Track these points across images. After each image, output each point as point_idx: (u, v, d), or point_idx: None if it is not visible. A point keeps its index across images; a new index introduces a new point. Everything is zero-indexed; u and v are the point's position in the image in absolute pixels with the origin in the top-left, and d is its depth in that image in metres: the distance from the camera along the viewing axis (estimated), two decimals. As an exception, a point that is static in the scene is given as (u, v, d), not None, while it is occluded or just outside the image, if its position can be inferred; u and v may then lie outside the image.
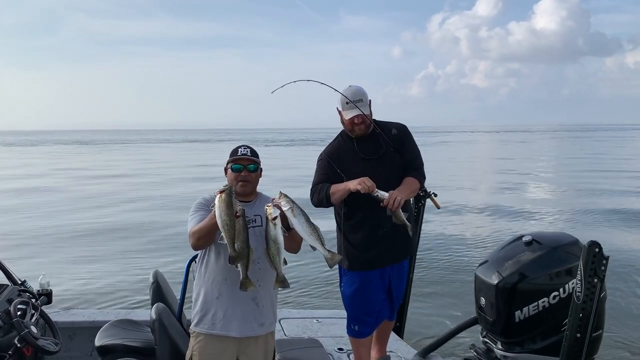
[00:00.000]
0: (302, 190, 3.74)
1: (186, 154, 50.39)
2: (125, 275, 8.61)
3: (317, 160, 3.50)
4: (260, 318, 2.79)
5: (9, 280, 3.59)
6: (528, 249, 3.42)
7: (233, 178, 2.83)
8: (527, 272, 3.33)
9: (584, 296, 2.34)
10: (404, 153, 3.42)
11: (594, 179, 23.03)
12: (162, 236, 11.76)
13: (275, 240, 2.50)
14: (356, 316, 3.47)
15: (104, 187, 21.88)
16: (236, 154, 2.86)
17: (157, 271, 3.64)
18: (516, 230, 11.24)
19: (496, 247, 3.69)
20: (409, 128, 3.59)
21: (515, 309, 3.32)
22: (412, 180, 3.34)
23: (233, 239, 2.46)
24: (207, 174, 24.99)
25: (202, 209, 2.79)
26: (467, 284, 7.37)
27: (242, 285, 2.56)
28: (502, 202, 16.46)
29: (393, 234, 3.29)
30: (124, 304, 7.05)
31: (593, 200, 16.63)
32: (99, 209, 16.05)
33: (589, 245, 2.32)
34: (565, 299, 3.18)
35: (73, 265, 9.33)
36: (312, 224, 2.53)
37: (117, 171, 29.77)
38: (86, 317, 4.38)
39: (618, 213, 14.29)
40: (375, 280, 3.40)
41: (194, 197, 3.00)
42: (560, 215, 14.42)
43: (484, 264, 3.60)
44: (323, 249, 2.54)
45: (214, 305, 2.76)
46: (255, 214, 2.83)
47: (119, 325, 3.64)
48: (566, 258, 3.28)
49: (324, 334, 4.17)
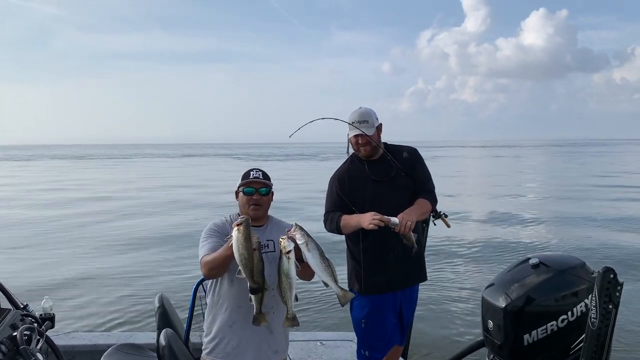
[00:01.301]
0: (307, 209, 3.73)
1: (194, 168, 49.98)
2: (122, 297, 8.53)
3: (329, 183, 3.52)
4: (274, 345, 2.79)
5: (11, 304, 3.53)
6: (535, 272, 3.41)
7: (245, 202, 2.81)
8: (535, 295, 3.32)
9: (599, 322, 2.34)
10: (415, 176, 3.45)
11: (601, 194, 23.16)
12: (163, 256, 11.63)
13: (287, 275, 2.47)
14: (367, 341, 3.46)
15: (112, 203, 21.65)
16: (248, 177, 2.84)
17: (162, 295, 3.61)
18: (519, 250, 11.34)
19: (503, 269, 3.68)
20: (398, 142, 3.63)
21: (524, 333, 3.30)
22: (424, 202, 3.36)
23: (252, 271, 2.44)
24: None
25: (214, 235, 2.76)
26: (471, 306, 7.42)
27: (255, 320, 2.54)
28: (505, 219, 16.52)
29: (404, 257, 3.30)
30: (123, 327, 6.98)
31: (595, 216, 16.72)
32: (97, 225, 15.91)
33: (603, 271, 2.32)
34: (573, 322, 3.18)
35: (66, 286, 9.22)
36: (326, 260, 2.51)
37: (143, 184, 29.38)
38: (87, 341, 4.33)
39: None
40: (387, 304, 3.40)
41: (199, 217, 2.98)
42: (561, 234, 14.43)
43: (491, 287, 3.58)
44: (336, 287, 2.53)
45: (228, 333, 2.74)
46: (268, 238, 2.81)
47: (123, 349, 3.60)
48: (574, 281, 3.28)
49: (329, 357, 4.14)
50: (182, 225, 14.86)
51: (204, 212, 17.56)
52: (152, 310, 7.57)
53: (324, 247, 2.59)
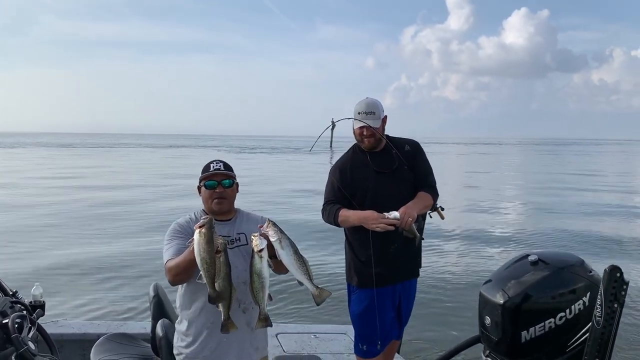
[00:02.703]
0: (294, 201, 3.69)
1: (185, 159, 49.53)
2: (111, 286, 8.45)
3: (329, 173, 3.48)
4: (255, 342, 2.70)
5: (0, 291, 3.45)
6: (534, 269, 3.41)
7: (208, 196, 2.70)
8: (533, 292, 3.31)
9: (604, 321, 2.33)
10: (417, 170, 3.42)
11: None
12: (154, 246, 11.60)
13: (260, 274, 2.36)
14: (365, 335, 3.43)
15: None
16: (208, 170, 2.72)
17: (157, 284, 3.54)
18: (514, 246, 11.47)
19: (501, 265, 3.68)
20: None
21: (522, 329, 3.30)
22: (426, 195, 3.34)
23: (213, 278, 2.31)
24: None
25: (177, 236, 2.65)
26: (464, 302, 7.45)
27: (223, 327, 2.42)
28: (498, 216, 16.65)
29: (404, 250, 3.27)
30: (111, 316, 6.90)
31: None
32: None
33: (610, 270, 2.31)
34: (571, 319, 3.18)
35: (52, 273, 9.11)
36: (300, 257, 2.41)
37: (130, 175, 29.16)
38: (76, 329, 4.25)
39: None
40: (386, 298, 3.37)
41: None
42: (550, 228, 14.57)
43: (489, 283, 3.57)
44: (311, 285, 2.44)
45: (205, 336, 2.63)
46: (239, 232, 2.70)
47: (114, 339, 3.54)
48: (572, 279, 3.29)
49: (323, 350, 4.11)
50: (174, 213, 14.68)
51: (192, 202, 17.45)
52: (141, 300, 7.53)
53: (321, 235, 2.52)
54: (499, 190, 25.50)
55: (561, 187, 26.03)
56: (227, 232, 2.68)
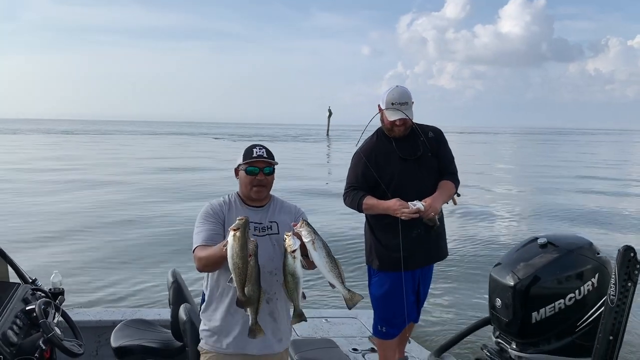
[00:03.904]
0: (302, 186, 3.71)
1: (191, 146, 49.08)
2: (124, 273, 8.50)
3: (353, 156, 3.49)
4: (278, 333, 2.67)
5: (20, 279, 3.51)
6: (543, 251, 3.48)
7: (248, 182, 2.64)
8: (543, 274, 3.38)
9: (617, 300, 2.39)
10: (440, 157, 3.45)
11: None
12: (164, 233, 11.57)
13: (293, 274, 2.34)
14: (385, 318, 3.49)
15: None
16: (251, 155, 2.63)
17: (175, 270, 3.59)
18: (521, 229, 11.61)
19: (511, 248, 3.75)
20: (376, 126, 3.61)
21: (532, 311, 3.37)
22: (450, 184, 3.38)
23: (244, 283, 2.29)
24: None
25: (209, 220, 2.61)
26: (471, 284, 7.56)
27: (250, 332, 2.40)
28: (506, 200, 16.76)
29: (426, 236, 3.32)
30: (125, 302, 6.96)
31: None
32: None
33: (624, 250, 2.37)
34: (580, 300, 3.27)
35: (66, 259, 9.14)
36: (333, 259, 2.37)
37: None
38: (91, 317, 4.31)
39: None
40: (407, 282, 3.43)
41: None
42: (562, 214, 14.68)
43: (498, 265, 3.65)
44: (343, 289, 2.39)
45: (229, 322, 2.61)
46: (271, 220, 2.67)
47: (133, 325, 3.60)
48: (581, 261, 3.36)
49: (336, 334, 4.19)
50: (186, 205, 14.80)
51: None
52: (155, 287, 7.60)
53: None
54: (503, 177, 25.67)
55: (562, 176, 26.25)
56: (259, 219, 2.64)
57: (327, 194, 16.92)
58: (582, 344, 3.26)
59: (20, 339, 2.72)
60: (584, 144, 74.43)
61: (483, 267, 8.32)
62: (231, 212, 2.64)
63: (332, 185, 18.66)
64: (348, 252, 9.13)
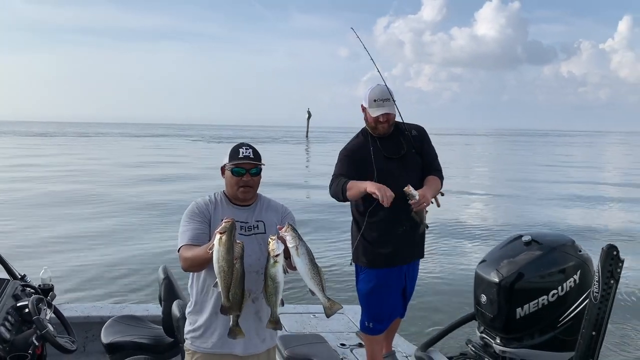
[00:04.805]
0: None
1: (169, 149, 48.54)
2: (108, 268, 8.45)
3: (339, 154, 3.52)
4: (262, 333, 2.62)
5: (9, 275, 3.49)
6: (528, 249, 3.57)
7: (234, 183, 2.59)
8: (528, 271, 3.48)
9: (600, 297, 2.48)
10: (424, 155, 3.50)
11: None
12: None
13: (274, 279, 2.29)
14: (372, 314, 3.54)
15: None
16: (237, 156, 2.59)
17: (165, 266, 3.60)
18: (508, 227, 11.80)
19: (495, 246, 3.83)
20: (355, 128, 3.66)
21: (517, 306, 3.46)
22: (436, 179, 3.43)
23: (229, 288, 2.25)
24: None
25: (195, 219, 2.56)
26: (455, 280, 7.67)
27: (230, 332, 2.37)
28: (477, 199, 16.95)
29: (411, 232, 3.37)
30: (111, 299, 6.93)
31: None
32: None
33: (607, 248, 2.46)
34: (562, 296, 3.38)
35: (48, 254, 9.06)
36: (315, 266, 2.33)
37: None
38: (79, 312, 4.29)
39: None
40: (393, 278, 3.48)
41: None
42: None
43: (484, 262, 3.73)
44: (323, 297, 2.34)
45: (214, 322, 2.57)
46: (257, 219, 2.65)
47: (123, 321, 3.60)
48: (564, 258, 3.47)
49: (323, 329, 4.24)
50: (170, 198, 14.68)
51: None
52: (139, 282, 7.57)
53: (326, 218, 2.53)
54: (485, 178, 25.93)
55: (534, 179, 26.68)
56: (245, 218, 2.62)
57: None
58: (564, 338, 3.37)
59: (12, 335, 2.71)
60: (560, 145, 75.54)
61: (468, 264, 8.46)
62: (217, 211, 2.61)
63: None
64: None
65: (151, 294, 6.70)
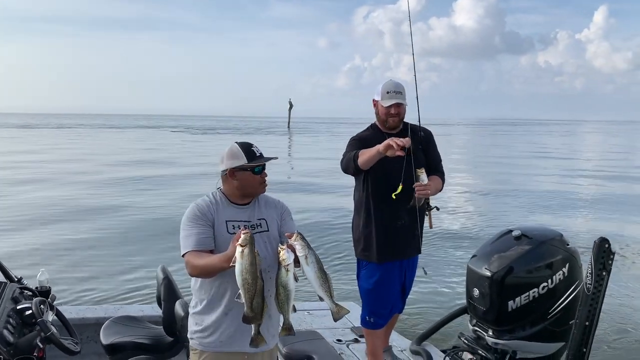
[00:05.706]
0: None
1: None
2: (101, 269, 8.38)
3: (349, 140, 3.61)
4: (272, 330, 2.65)
5: (6, 278, 3.47)
6: (518, 243, 3.67)
7: (257, 182, 2.63)
8: (519, 264, 3.58)
9: (593, 288, 2.58)
10: (429, 156, 3.59)
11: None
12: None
13: (285, 287, 2.34)
14: (373, 308, 3.61)
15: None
16: (254, 155, 2.61)
17: (164, 267, 3.61)
18: (496, 222, 11.94)
19: (486, 240, 3.94)
20: (336, 119, 3.75)
21: (508, 299, 3.56)
22: (439, 180, 3.53)
23: (253, 299, 2.29)
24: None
25: (198, 223, 2.55)
26: (447, 275, 7.77)
27: (252, 341, 2.41)
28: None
29: (411, 226, 3.45)
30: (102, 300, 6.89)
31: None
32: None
33: (600, 241, 2.55)
34: (552, 289, 3.49)
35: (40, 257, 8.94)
36: (324, 274, 2.39)
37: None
38: (74, 314, 4.29)
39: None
40: (394, 272, 3.56)
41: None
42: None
43: (475, 257, 3.83)
44: (331, 303, 2.40)
45: (224, 322, 2.59)
46: (259, 217, 2.66)
47: (121, 322, 3.61)
48: (553, 252, 3.58)
49: (319, 325, 4.30)
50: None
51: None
52: (132, 283, 7.53)
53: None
54: (467, 168, 26.23)
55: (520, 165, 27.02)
56: (247, 217, 2.63)
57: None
58: (554, 329, 3.49)
59: (15, 338, 2.71)
60: (539, 134, 76.53)
61: (459, 259, 8.60)
62: (219, 212, 2.61)
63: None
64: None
65: (148, 295, 6.73)
